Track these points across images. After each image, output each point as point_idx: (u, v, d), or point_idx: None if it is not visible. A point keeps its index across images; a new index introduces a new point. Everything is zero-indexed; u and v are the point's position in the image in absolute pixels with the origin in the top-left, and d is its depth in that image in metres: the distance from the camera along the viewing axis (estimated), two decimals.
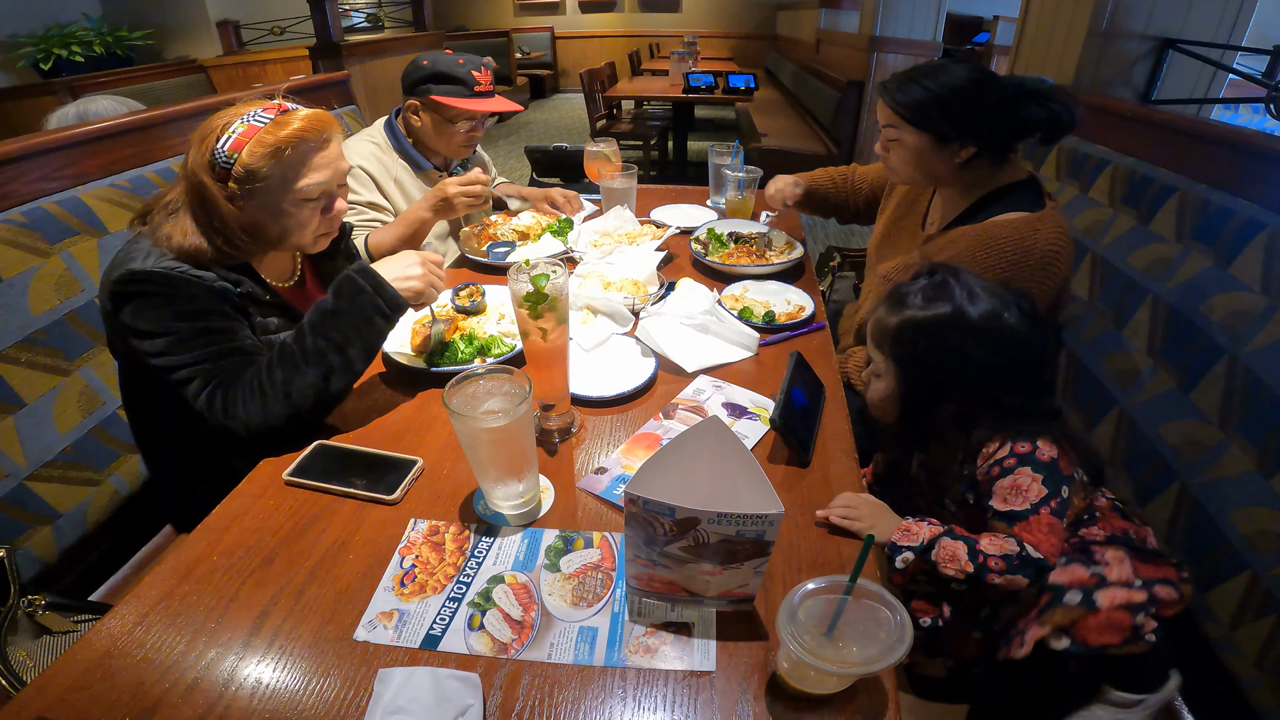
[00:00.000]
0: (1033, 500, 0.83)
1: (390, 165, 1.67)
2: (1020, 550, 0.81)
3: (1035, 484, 0.84)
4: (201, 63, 5.40)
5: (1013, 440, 0.87)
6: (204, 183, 0.93)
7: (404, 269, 1.01)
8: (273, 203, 0.97)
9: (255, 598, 0.73)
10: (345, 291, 0.97)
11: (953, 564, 0.82)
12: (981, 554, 0.81)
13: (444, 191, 1.48)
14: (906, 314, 0.92)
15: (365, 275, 0.97)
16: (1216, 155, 1.29)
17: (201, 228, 0.95)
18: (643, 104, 6.76)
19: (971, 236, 1.19)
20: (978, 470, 0.91)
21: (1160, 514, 1.16)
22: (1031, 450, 0.86)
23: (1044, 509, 0.83)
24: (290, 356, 0.95)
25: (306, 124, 0.96)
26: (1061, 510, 0.84)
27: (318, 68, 3.90)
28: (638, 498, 0.61)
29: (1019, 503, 0.84)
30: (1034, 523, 0.83)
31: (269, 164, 0.94)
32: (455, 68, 1.60)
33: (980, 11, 6.66)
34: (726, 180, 1.82)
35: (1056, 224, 1.15)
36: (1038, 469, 0.85)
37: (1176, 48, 2.02)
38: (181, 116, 1.60)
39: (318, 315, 0.97)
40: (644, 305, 1.29)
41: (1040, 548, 0.81)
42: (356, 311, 0.96)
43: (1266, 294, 1.05)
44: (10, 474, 1.10)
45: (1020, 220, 1.15)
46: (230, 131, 0.93)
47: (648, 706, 0.62)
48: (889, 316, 0.94)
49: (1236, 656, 0.99)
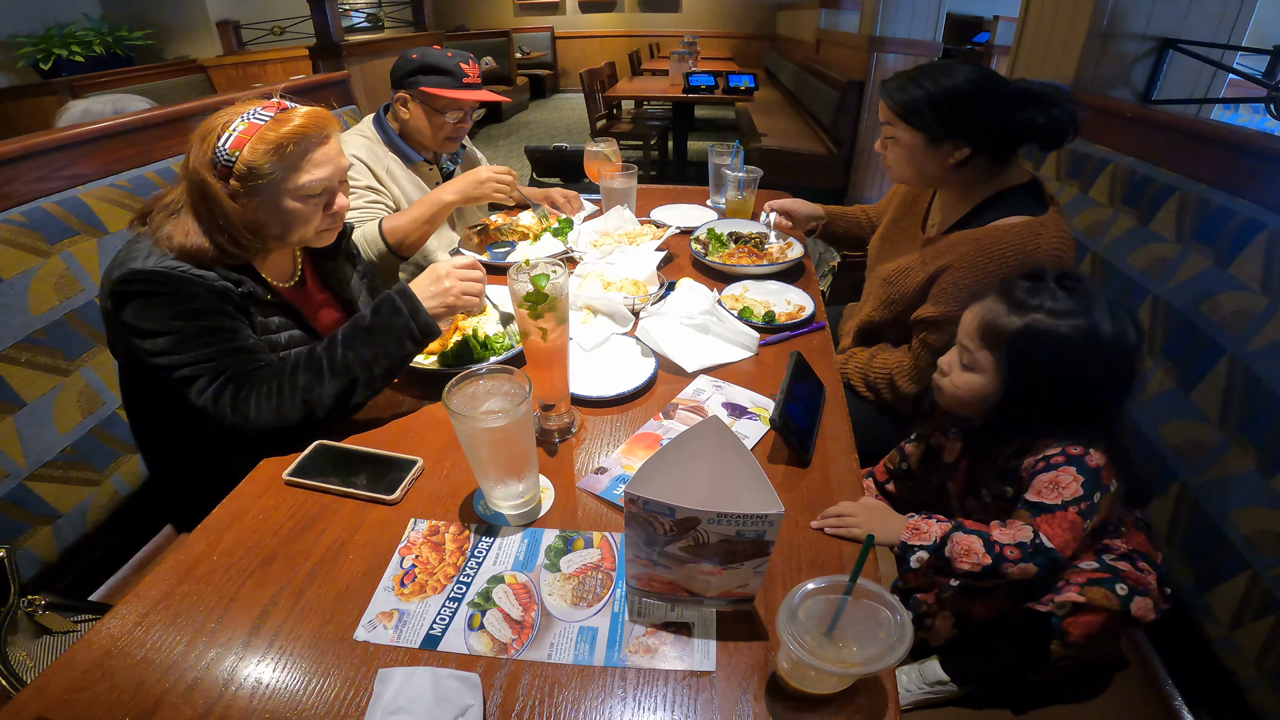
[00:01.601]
0: (1066, 497, 0.84)
1: (381, 156, 1.68)
2: (1034, 538, 0.82)
3: (1075, 484, 0.84)
4: (201, 63, 5.39)
5: (1068, 441, 0.87)
6: (206, 181, 0.93)
7: (432, 284, 1.00)
8: (274, 200, 0.97)
9: (255, 598, 0.73)
10: (384, 310, 0.98)
11: (968, 559, 0.82)
12: (997, 544, 0.82)
13: (478, 175, 1.54)
14: (1033, 318, 0.86)
15: (404, 297, 0.98)
16: (1216, 155, 1.29)
17: (204, 226, 0.95)
18: (643, 104, 6.76)
19: (972, 241, 1.18)
20: (1024, 465, 0.90)
21: (1160, 514, 1.16)
22: (1083, 454, 0.85)
23: (1073, 507, 0.83)
24: (317, 364, 0.95)
25: (307, 121, 0.97)
26: (1088, 513, 0.84)
27: (318, 68, 3.91)
28: (638, 498, 0.61)
29: (1053, 497, 0.84)
30: (1059, 517, 0.83)
31: (270, 161, 0.94)
32: (444, 60, 1.62)
33: (980, 11, 6.65)
34: (726, 180, 1.82)
35: (1059, 229, 1.14)
36: (1082, 471, 0.85)
37: (1176, 48, 2.02)
38: (181, 116, 1.60)
39: (352, 330, 0.98)
40: (644, 305, 1.29)
41: (1054, 540, 0.82)
42: (390, 332, 0.97)
43: (1266, 294, 1.05)
44: (10, 474, 1.10)
45: (1022, 225, 1.15)
46: (231, 130, 0.93)
47: (648, 706, 0.62)
48: (1009, 316, 0.88)
49: (1236, 656, 0.99)
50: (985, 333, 0.90)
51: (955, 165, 1.19)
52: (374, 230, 1.53)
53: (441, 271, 1.01)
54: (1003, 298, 0.90)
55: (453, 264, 1.02)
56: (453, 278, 1.01)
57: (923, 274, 1.25)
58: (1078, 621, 0.84)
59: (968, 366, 0.93)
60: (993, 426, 0.96)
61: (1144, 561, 0.90)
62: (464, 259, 1.04)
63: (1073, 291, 0.87)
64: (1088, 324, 0.84)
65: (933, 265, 1.23)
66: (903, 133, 1.20)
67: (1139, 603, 0.84)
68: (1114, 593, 0.84)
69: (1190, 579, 1.08)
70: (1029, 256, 1.11)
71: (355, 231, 1.51)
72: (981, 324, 0.91)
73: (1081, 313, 0.85)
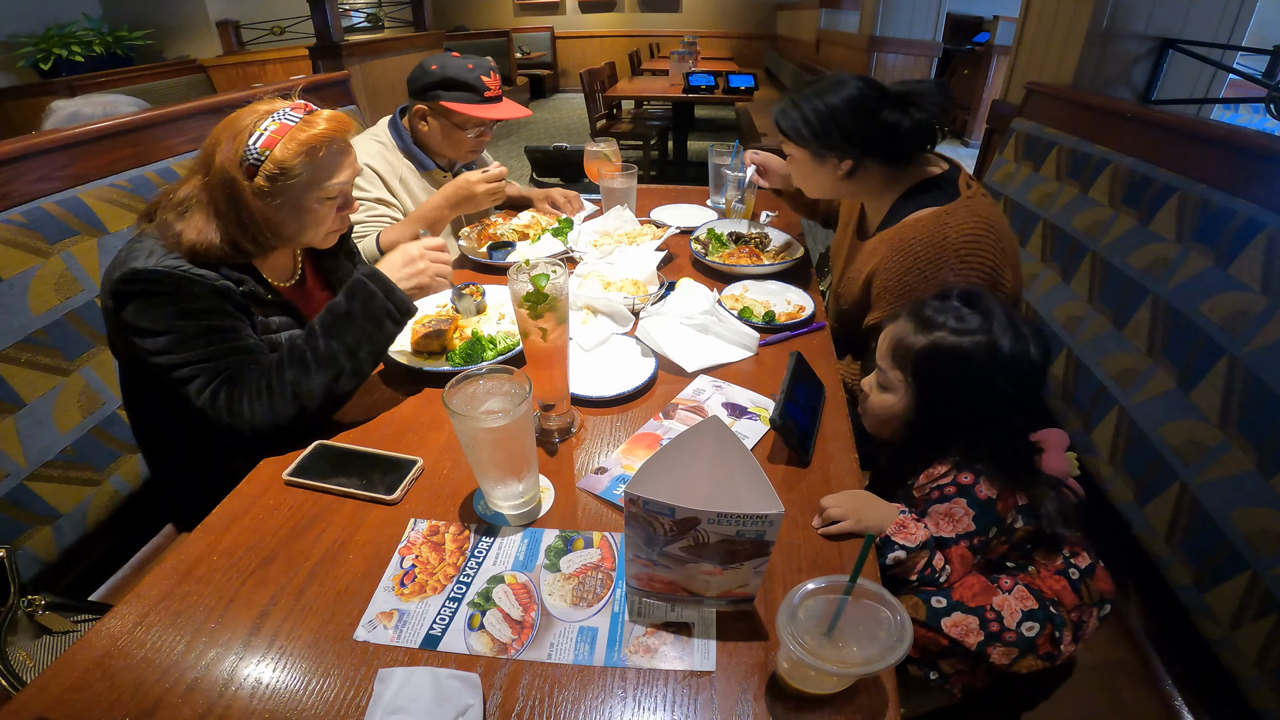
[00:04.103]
0: (960, 530, 0.84)
1: (396, 164, 1.67)
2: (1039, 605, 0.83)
3: (967, 518, 0.85)
4: (201, 63, 5.40)
5: (958, 470, 0.87)
6: (235, 179, 0.94)
7: (405, 265, 1.03)
8: (298, 200, 0.99)
9: (255, 598, 0.73)
10: (358, 295, 0.98)
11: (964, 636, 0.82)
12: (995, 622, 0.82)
13: (470, 189, 1.50)
14: (936, 335, 0.89)
15: (375, 279, 0.99)
16: (1216, 155, 1.29)
17: (224, 224, 0.96)
18: (643, 104, 6.76)
19: (888, 242, 1.19)
20: (916, 487, 0.91)
21: (1160, 514, 1.16)
22: (973, 484, 0.86)
23: (964, 541, 0.84)
24: (300, 357, 0.96)
25: (333, 124, 0.99)
26: (980, 548, 0.85)
27: (318, 67, 3.91)
28: (638, 498, 0.61)
29: (949, 529, 0.85)
30: (953, 552, 0.84)
31: (302, 161, 0.95)
32: (465, 73, 1.59)
33: (980, 11, 6.66)
34: (726, 180, 1.82)
35: (969, 211, 1.13)
36: (973, 504, 0.85)
37: (1176, 48, 2.02)
38: (181, 116, 1.60)
39: (330, 318, 0.98)
40: (644, 305, 1.29)
41: (951, 575, 0.84)
42: (368, 315, 0.98)
43: (1266, 294, 1.05)
44: (10, 474, 1.10)
45: (928, 216, 1.15)
46: (261, 129, 0.94)
47: (648, 706, 0.62)
48: (915, 335, 0.91)
49: (1236, 656, 0.99)
50: (895, 352, 0.93)
51: (845, 175, 1.22)
52: (371, 246, 1.52)
53: (415, 253, 1.04)
54: (912, 317, 0.93)
55: (423, 245, 1.05)
56: (426, 259, 1.04)
57: (858, 281, 1.27)
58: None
59: (883, 386, 0.96)
60: (905, 447, 0.97)
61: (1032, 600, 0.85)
62: (433, 240, 1.07)
63: (975, 309, 0.89)
64: (988, 340, 0.86)
65: (863, 271, 1.26)
66: (793, 150, 1.26)
67: (954, 620, 0.82)
68: (926, 603, 0.83)
69: (1190, 579, 1.08)
70: (939, 246, 1.12)
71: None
72: (892, 344, 0.94)
73: (982, 330, 0.87)
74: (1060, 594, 0.87)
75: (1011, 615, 0.83)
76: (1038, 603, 0.85)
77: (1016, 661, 0.83)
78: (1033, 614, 0.84)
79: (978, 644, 0.81)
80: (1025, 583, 0.87)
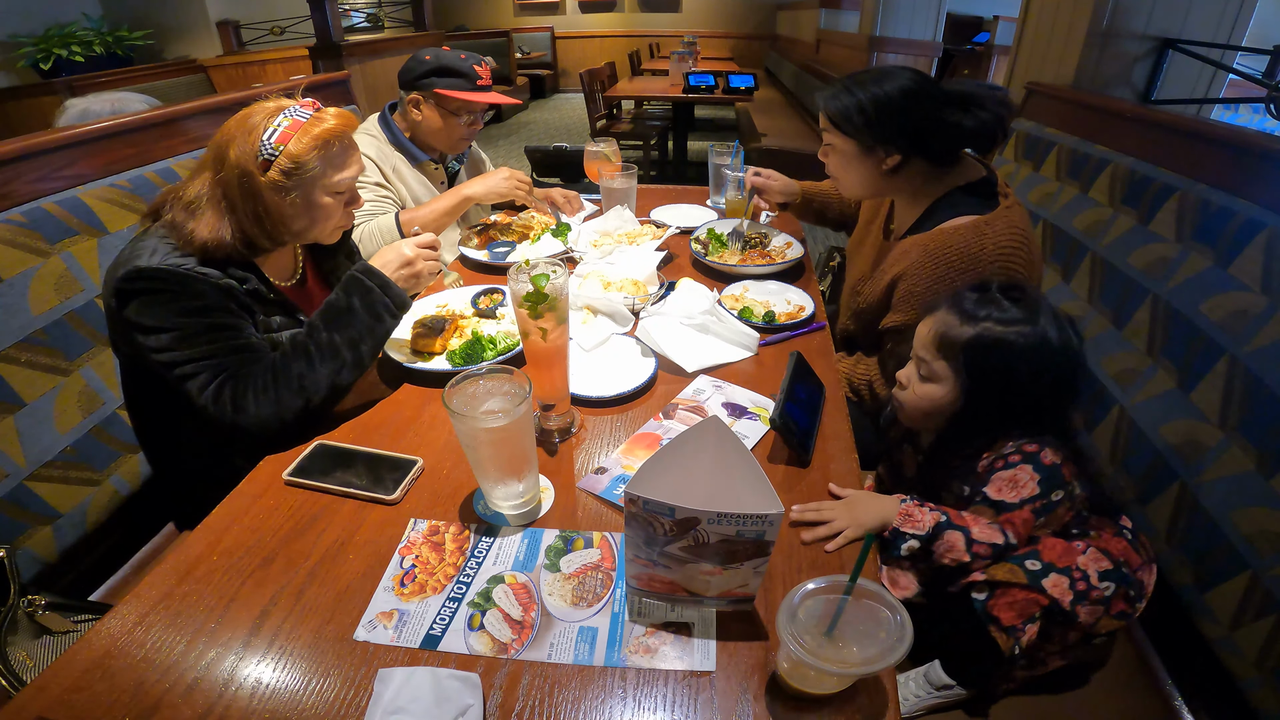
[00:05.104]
0: (1024, 495, 0.86)
1: (388, 155, 1.70)
2: (1005, 540, 0.85)
3: (1031, 482, 0.86)
4: (201, 63, 5.40)
5: (1023, 440, 0.89)
6: (251, 173, 0.95)
7: (403, 269, 1.05)
8: (309, 194, 1.00)
9: (255, 598, 0.73)
10: (355, 290, 1.00)
11: (950, 554, 0.84)
12: (975, 543, 0.84)
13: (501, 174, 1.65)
14: (984, 326, 0.89)
15: (370, 275, 1.01)
16: (1216, 155, 1.29)
17: (238, 220, 0.97)
18: (643, 104, 6.76)
19: (921, 247, 1.18)
20: (980, 463, 0.92)
21: (1160, 514, 1.16)
22: (1037, 451, 0.88)
23: (1029, 506, 0.86)
24: (304, 351, 0.97)
25: (341, 120, 1.01)
26: (1043, 511, 0.87)
27: (318, 67, 3.91)
28: (638, 498, 0.61)
29: (1012, 495, 0.86)
30: (1017, 516, 0.86)
31: (314, 155, 0.97)
32: (458, 62, 1.63)
33: (980, 11, 6.66)
34: (726, 180, 1.82)
35: (1008, 224, 1.13)
36: (1038, 469, 0.87)
37: (1176, 48, 2.02)
38: (181, 117, 1.60)
39: (332, 312, 1.00)
40: (644, 305, 1.29)
41: (1015, 538, 0.85)
42: (368, 309, 1.00)
43: (1266, 294, 1.05)
44: (10, 474, 1.10)
45: (967, 226, 1.14)
46: (275, 125, 0.96)
47: (648, 706, 0.62)
48: (960, 326, 0.91)
49: (1236, 656, 0.99)
50: (940, 343, 0.93)
51: (889, 171, 1.20)
52: (390, 221, 1.56)
53: (410, 254, 1.06)
54: (954, 309, 0.93)
55: (416, 243, 1.07)
56: (420, 259, 1.07)
57: (882, 281, 1.26)
58: (999, 604, 0.84)
59: (926, 378, 0.96)
60: (950, 436, 0.97)
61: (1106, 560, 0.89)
62: (426, 238, 1.09)
63: (1018, 301, 0.90)
64: (1035, 331, 0.87)
65: (889, 273, 1.24)
66: (837, 140, 1.22)
67: (1053, 581, 0.84)
68: (1022, 567, 0.84)
69: (1190, 579, 1.08)
70: (975, 256, 1.11)
71: (369, 223, 1.55)
72: (936, 335, 0.94)
73: (1028, 320, 0.88)
74: (1126, 554, 0.89)
75: (1093, 575, 0.85)
76: (1111, 563, 0.87)
77: (1099, 621, 0.85)
78: (1108, 574, 0.86)
79: (1069, 602, 0.83)
80: (1095, 545, 0.89)
